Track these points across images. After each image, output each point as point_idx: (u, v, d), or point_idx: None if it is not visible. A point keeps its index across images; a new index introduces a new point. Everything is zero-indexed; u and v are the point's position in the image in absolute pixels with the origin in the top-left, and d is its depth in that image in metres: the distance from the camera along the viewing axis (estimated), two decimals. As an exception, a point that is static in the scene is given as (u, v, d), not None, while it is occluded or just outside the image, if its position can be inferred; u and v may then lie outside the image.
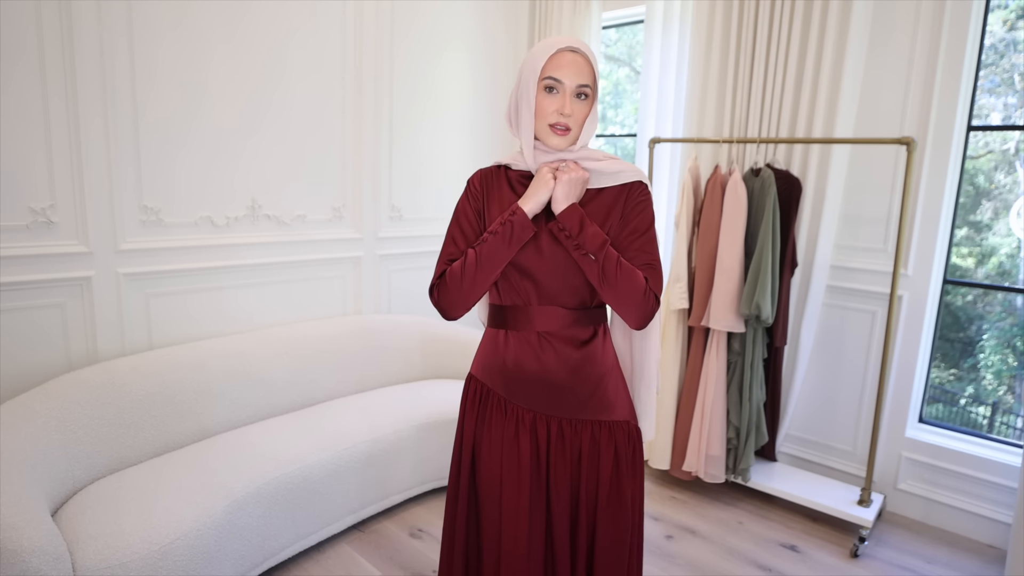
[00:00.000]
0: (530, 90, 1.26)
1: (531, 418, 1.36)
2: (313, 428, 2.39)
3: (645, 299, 1.27)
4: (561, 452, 1.35)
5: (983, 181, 3.02)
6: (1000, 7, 2.65)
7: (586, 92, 1.27)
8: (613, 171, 1.32)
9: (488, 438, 1.39)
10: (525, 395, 1.36)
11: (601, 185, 1.33)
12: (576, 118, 1.27)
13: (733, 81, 2.85)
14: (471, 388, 1.45)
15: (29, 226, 2.11)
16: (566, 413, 1.35)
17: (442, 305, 1.35)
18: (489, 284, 1.32)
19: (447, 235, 1.40)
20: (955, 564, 2.39)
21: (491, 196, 1.38)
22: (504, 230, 1.27)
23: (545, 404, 1.35)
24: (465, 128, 3.58)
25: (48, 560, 1.47)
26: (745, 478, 2.69)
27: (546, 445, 1.36)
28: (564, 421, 1.35)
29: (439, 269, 1.37)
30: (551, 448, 1.35)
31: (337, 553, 2.31)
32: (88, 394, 2.05)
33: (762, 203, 2.53)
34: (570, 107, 1.25)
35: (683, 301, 2.74)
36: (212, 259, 2.58)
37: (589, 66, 1.26)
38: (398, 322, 3.13)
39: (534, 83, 1.25)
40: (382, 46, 3.07)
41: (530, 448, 1.35)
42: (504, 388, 1.38)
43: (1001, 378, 3.23)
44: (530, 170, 1.34)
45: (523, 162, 1.35)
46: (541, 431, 1.35)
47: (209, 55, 2.47)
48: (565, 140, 1.28)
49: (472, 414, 1.43)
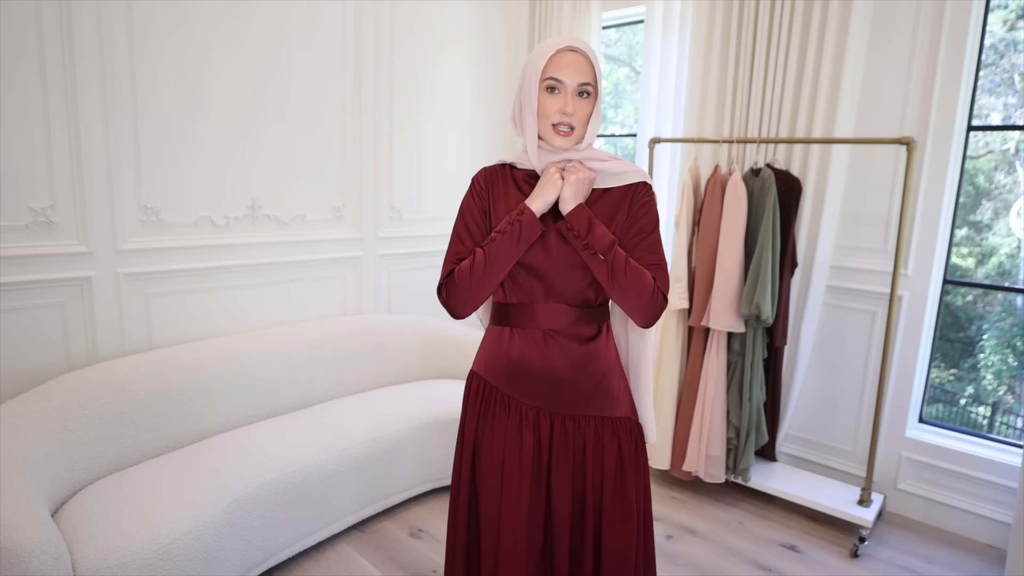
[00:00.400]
0: (532, 91, 1.27)
1: (534, 414, 1.36)
2: (313, 428, 2.39)
3: (654, 298, 1.28)
4: (564, 448, 1.36)
5: (983, 181, 3.03)
6: (1000, 7, 2.65)
7: (588, 90, 1.27)
8: (618, 171, 1.33)
9: (490, 434, 1.39)
10: (529, 391, 1.37)
11: (607, 185, 1.34)
12: (579, 117, 1.28)
13: (733, 81, 2.84)
14: (473, 385, 1.45)
15: (29, 226, 2.11)
16: (569, 409, 1.36)
17: (451, 304, 1.36)
18: (498, 283, 1.32)
19: (453, 234, 1.40)
20: (955, 564, 2.39)
21: (497, 195, 1.38)
22: (512, 230, 1.28)
23: (548, 400, 1.36)
24: (465, 128, 3.58)
25: (48, 560, 1.47)
26: (745, 478, 2.69)
27: (548, 441, 1.36)
28: (567, 417, 1.36)
29: (447, 268, 1.37)
30: (553, 444, 1.36)
31: (337, 553, 2.31)
32: (88, 394, 2.05)
33: (762, 203, 2.53)
34: (572, 106, 1.26)
35: (683, 301, 2.74)
36: (212, 259, 2.58)
37: (590, 64, 1.27)
38: (398, 322, 3.13)
39: (536, 84, 1.26)
40: (382, 46, 3.07)
41: (532, 444, 1.35)
42: (508, 384, 1.38)
43: (1001, 378, 3.23)
44: (536, 170, 1.35)
45: (529, 161, 1.35)
46: (544, 427, 1.36)
47: (209, 55, 2.47)
48: (569, 140, 1.29)
49: (474, 410, 1.43)
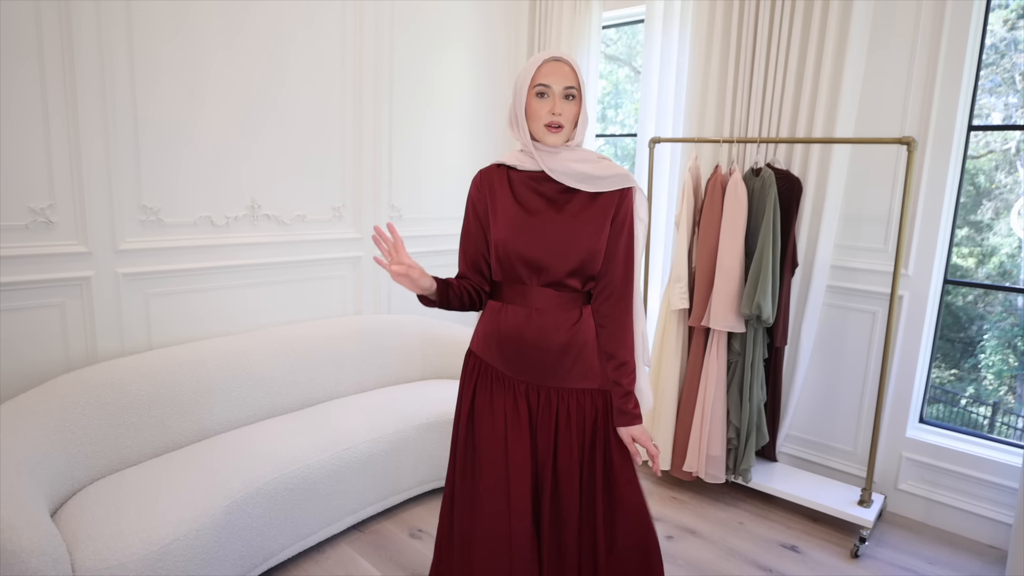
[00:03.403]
0: (522, 98, 1.43)
1: (524, 388, 1.51)
2: (313, 428, 2.39)
3: None
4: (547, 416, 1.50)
5: (984, 181, 3.03)
6: (1001, 7, 2.65)
7: (573, 93, 1.43)
8: (606, 175, 1.45)
9: (489, 406, 1.53)
10: (518, 363, 1.50)
11: (596, 189, 1.46)
12: (567, 116, 1.43)
13: (733, 81, 2.84)
14: (469, 363, 1.60)
15: (28, 226, 2.11)
16: (553, 382, 1.50)
17: None
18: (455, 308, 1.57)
19: (461, 232, 1.59)
20: (956, 564, 2.39)
21: (494, 195, 1.51)
22: None
23: (535, 374, 1.50)
24: (465, 128, 3.58)
25: (47, 561, 1.47)
26: (746, 478, 2.69)
27: (536, 410, 1.51)
28: (551, 390, 1.50)
29: (459, 266, 1.60)
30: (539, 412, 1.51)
31: (337, 553, 2.31)
32: (88, 394, 2.05)
33: (762, 203, 2.53)
34: (560, 107, 1.41)
35: (683, 301, 2.74)
36: (212, 259, 2.58)
37: (573, 72, 1.43)
38: (398, 322, 3.12)
39: (526, 91, 1.42)
40: (382, 47, 3.07)
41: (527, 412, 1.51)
42: (500, 358, 1.52)
43: (1002, 378, 3.23)
44: (536, 169, 1.48)
45: (529, 162, 1.48)
46: (532, 398, 1.51)
47: (210, 55, 2.47)
48: (559, 137, 1.44)
49: (470, 383, 1.58)
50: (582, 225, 1.43)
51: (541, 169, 1.45)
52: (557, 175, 1.44)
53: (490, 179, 1.53)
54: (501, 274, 1.51)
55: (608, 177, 1.44)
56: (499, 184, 1.51)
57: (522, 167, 1.49)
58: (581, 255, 1.43)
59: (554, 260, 1.44)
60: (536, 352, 1.47)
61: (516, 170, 1.51)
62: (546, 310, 1.47)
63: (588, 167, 1.44)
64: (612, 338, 1.49)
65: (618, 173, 1.45)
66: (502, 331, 1.51)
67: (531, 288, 1.48)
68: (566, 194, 1.46)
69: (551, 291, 1.47)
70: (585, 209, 1.44)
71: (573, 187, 1.44)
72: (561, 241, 1.44)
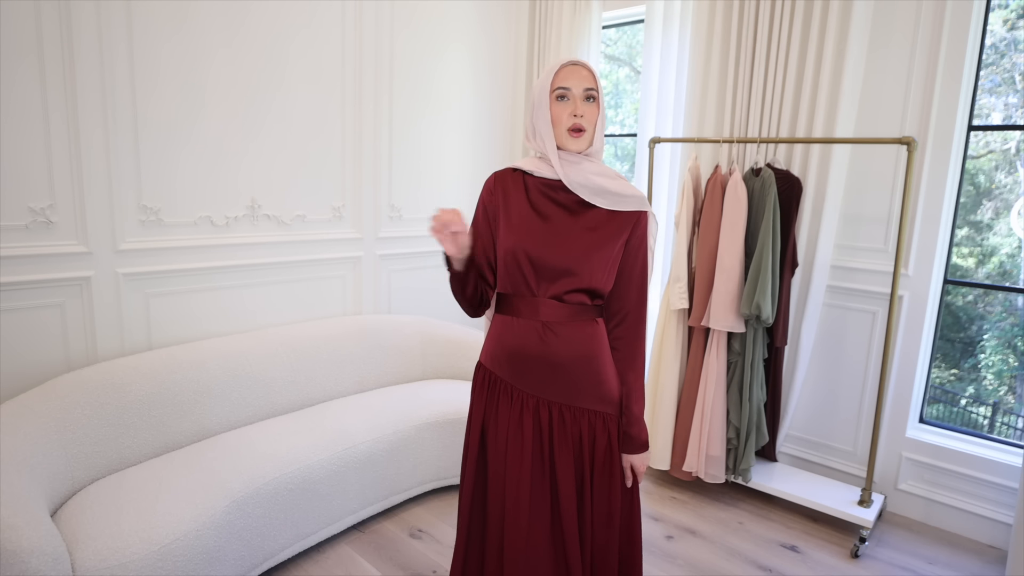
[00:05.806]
0: (544, 103, 1.42)
1: (534, 403, 1.47)
2: (313, 428, 2.39)
3: None
4: (563, 435, 1.46)
5: (984, 181, 3.03)
6: (1001, 6, 2.65)
7: (592, 95, 1.42)
8: (625, 194, 1.44)
9: (495, 420, 1.51)
10: (529, 378, 1.46)
11: (614, 208, 1.44)
12: (588, 119, 1.41)
13: (733, 81, 2.84)
14: (479, 375, 1.57)
15: (29, 226, 2.11)
16: (566, 399, 1.46)
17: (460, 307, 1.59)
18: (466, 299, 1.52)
19: None
20: (956, 565, 2.39)
21: (509, 198, 1.49)
22: None
23: (546, 389, 1.46)
24: (465, 128, 3.58)
25: (47, 560, 1.47)
26: (745, 478, 2.69)
27: (548, 428, 1.47)
28: (564, 407, 1.47)
29: None
30: (554, 432, 1.47)
31: (337, 553, 2.31)
32: (88, 394, 2.05)
33: (762, 203, 2.53)
34: (581, 108, 1.40)
35: (683, 301, 2.74)
36: (212, 259, 2.58)
37: (591, 74, 1.43)
38: (398, 322, 3.12)
39: (547, 97, 1.41)
40: (382, 47, 3.07)
41: (532, 428, 1.46)
42: (510, 372, 1.49)
43: (1002, 378, 3.23)
44: (552, 178, 1.45)
45: (547, 170, 1.45)
46: (543, 415, 1.47)
47: (209, 55, 2.47)
48: (582, 142, 1.42)
49: (480, 399, 1.55)
50: (597, 240, 1.42)
51: (558, 178, 1.44)
52: (574, 186, 1.41)
53: (504, 182, 1.50)
54: (509, 285, 1.48)
55: (626, 196, 1.43)
56: (514, 188, 1.49)
57: (539, 173, 1.47)
58: (592, 268, 1.41)
59: (565, 266, 1.42)
60: (546, 366, 1.45)
61: (532, 176, 1.48)
62: (555, 323, 1.44)
63: (607, 182, 1.42)
64: (623, 361, 1.48)
65: (636, 195, 1.44)
66: (511, 344, 1.48)
67: (539, 300, 1.45)
68: (582, 206, 1.44)
69: (560, 303, 1.44)
70: (602, 226, 1.43)
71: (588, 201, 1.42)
72: (574, 249, 1.42)
